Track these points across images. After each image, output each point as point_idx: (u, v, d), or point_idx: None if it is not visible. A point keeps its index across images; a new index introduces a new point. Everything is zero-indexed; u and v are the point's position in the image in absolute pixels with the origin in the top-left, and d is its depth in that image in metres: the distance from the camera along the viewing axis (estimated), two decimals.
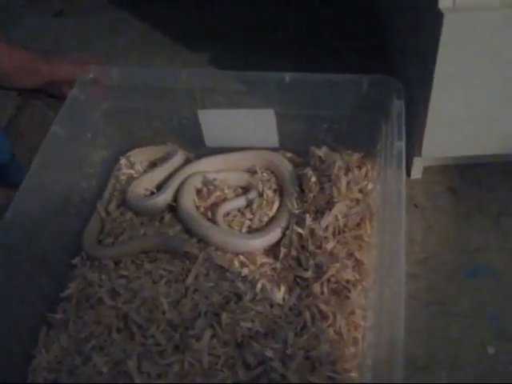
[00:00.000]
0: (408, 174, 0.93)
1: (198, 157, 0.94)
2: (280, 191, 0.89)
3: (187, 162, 0.94)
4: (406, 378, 0.58)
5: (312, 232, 0.79)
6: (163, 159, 0.94)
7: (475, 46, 0.74)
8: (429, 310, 0.79)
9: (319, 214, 0.81)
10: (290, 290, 0.77)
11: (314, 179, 0.85)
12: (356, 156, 0.86)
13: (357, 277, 0.76)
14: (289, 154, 0.93)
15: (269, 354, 0.70)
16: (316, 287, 0.75)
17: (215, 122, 0.90)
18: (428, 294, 0.81)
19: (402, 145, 0.74)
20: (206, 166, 0.92)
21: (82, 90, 0.87)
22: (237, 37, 1.22)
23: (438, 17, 0.71)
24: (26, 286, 0.76)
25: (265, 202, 0.87)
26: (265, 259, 0.81)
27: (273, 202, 0.88)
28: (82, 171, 0.89)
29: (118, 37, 1.26)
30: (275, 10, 1.29)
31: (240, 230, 0.86)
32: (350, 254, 0.78)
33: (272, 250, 0.83)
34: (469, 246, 0.85)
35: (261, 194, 0.88)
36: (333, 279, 0.75)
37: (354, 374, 0.68)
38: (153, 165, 0.95)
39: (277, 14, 1.28)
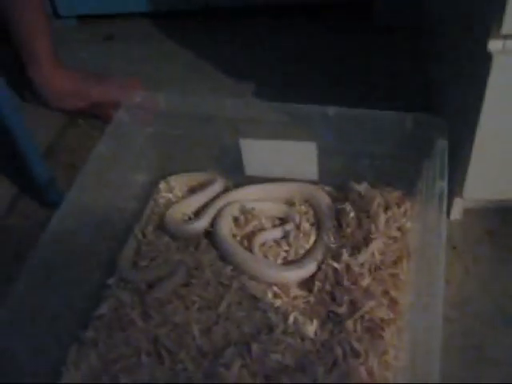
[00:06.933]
0: (447, 214, 0.91)
1: (237, 185, 0.95)
2: (317, 224, 0.89)
3: (226, 189, 0.94)
4: None
5: (348, 267, 0.78)
6: (202, 186, 0.94)
7: None
8: (463, 357, 0.77)
9: (356, 249, 0.81)
10: (322, 325, 0.76)
11: (352, 214, 0.84)
12: (396, 193, 0.86)
13: (391, 316, 0.74)
14: (327, 188, 0.93)
15: None
16: (349, 324, 0.74)
17: (256, 152, 0.90)
18: (463, 339, 0.79)
19: (444, 185, 0.73)
20: (245, 194, 0.92)
21: (127, 113, 0.89)
22: (276, 69, 1.24)
23: (486, 58, 0.71)
24: (60, 303, 0.76)
25: (301, 235, 0.87)
26: (298, 292, 0.81)
27: (309, 235, 0.87)
28: (122, 193, 0.90)
29: (165, 64, 1.28)
30: (316, 43, 1.31)
31: (275, 261, 0.85)
32: (386, 292, 0.77)
33: (306, 283, 0.82)
34: (507, 292, 0.83)
35: (298, 226, 0.88)
36: (367, 316, 0.74)
37: None
38: (192, 191, 0.96)
39: (318, 46, 1.30)
